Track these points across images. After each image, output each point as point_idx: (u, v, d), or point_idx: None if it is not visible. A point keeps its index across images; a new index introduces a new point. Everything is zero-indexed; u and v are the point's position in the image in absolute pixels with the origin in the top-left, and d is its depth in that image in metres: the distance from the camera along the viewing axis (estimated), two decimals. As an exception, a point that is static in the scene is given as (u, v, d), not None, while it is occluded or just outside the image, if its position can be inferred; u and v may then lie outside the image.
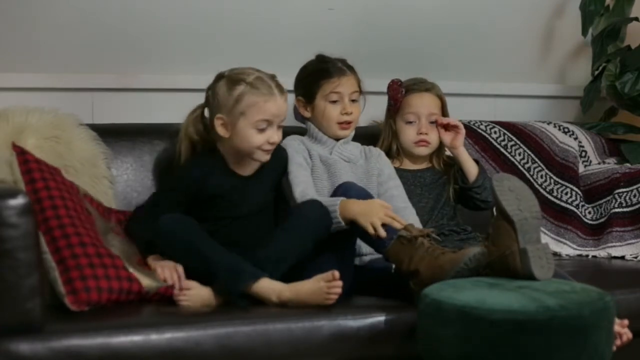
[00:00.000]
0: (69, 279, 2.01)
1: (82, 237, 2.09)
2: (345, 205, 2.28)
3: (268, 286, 2.15)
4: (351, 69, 2.65)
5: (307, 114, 2.66)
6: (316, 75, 2.64)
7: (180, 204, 2.38)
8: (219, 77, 2.41)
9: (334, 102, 2.61)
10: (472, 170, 2.70)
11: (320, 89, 2.61)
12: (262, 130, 2.35)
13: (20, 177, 2.15)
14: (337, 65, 2.63)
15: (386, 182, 2.61)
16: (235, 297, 2.14)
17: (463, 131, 2.72)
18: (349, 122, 2.61)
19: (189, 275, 2.20)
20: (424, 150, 2.75)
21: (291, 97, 2.73)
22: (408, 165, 2.77)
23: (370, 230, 2.22)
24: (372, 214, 2.24)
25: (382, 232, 2.21)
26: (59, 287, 2.00)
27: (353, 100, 2.63)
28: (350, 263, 2.36)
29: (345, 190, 2.35)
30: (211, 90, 2.41)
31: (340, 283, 2.11)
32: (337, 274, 2.11)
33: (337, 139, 2.63)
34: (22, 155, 2.19)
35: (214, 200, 2.40)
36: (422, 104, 2.74)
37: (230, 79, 2.37)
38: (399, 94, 2.75)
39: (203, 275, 2.18)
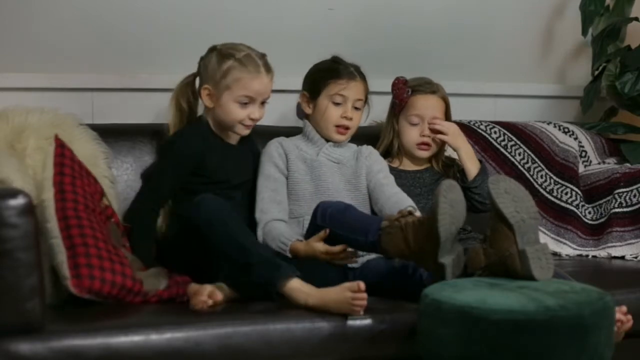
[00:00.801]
0: (76, 264, 2.04)
1: (95, 231, 2.13)
2: (294, 250, 2.33)
3: (299, 288, 2.13)
4: (362, 76, 2.65)
5: (309, 110, 2.65)
6: (326, 73, 2.64)
7: (181, 177, 2.45)
8: (212, 49, 2.51)
9: (337, 104, 2.60)
10: (472, 170, 2.70)
11: (326, 88, 2.61)
12: (244, 105, 2.45)
13: (51, 166, 2.17)
14: (349, 69, 2.62)
15: (375, 176, 2.60)
16: (269, 289, 2.12)
17: (452, 132, 2.71)
18: (346, 127, 2.61)
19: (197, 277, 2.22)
20: (424, 153, 2.75)
21: (293, 97, 2.74)
22: (407, 165, 2.77)
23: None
24: (316, 256, 2.29)
25: (340, 263, 2.29)
26: (64, 271, 2.02)
27: (356, 108, 2.62)
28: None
29: (323, 210, 2.31)
30: (202, 62, 2.51)
31: (365, 295, 2.07)
32: (362, 285, 2.07)
33: (329, 141, 2.62)
34: (61, 148, 2.24)
35: (210, 168, 2.46)
36: (427, 107, 2.74)
37: (221, 52, 2.47)
38: (404, 94, 2.74)
39: (237, 263, 2.15)
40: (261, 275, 2.12)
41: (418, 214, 2.24)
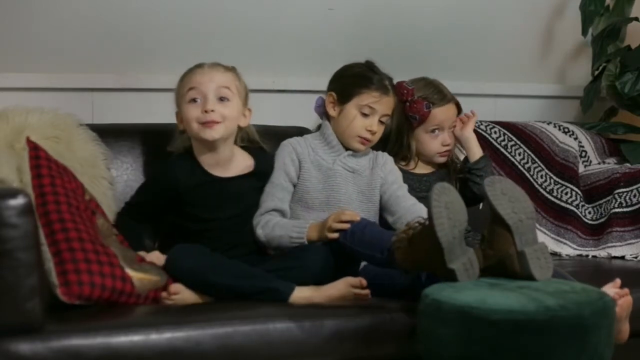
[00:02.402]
0: (63, 270, 2.01)
1: (81, 232, 2.09)
2: (309, 234, 2.37)
3: (300, 296, 2.18)
4: (395, 90, 2.60)
5: (333, 113, 2.57)
6: (360, 80, 2.56)
7: (155, 205, 2.44)
8: None
9: (365, 115, 2.54)
10: (477, 154, 2.72)
11: (358, 96, 2.54)
12: (194, 102, 2.39)
13: (27, 170, 2.15)
14: (384, 82, 2.56)
15: (390, 187, 2.56)
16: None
17: (473, 119, 2.75)
18: (369, 140, 2.56)
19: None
20: (444, 159, 2.77)
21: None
22: (418, 168, 2.77)
23: (337, 235, 2.28)
24: (324, 230, 2.32)
25: (334, 235, 2.28)
26: (52, 278, 2.00)
27: (381, 122, 2.57)
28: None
29: (362, 228, 2.29)
30: None
31: (368, 291, 2.19)
32: (364, 282, 2.19)
33: (347, 149, 2.58)
34: (35, 150, 2.20)
35: (191, 201, 2.42)
36: (447, 117, 2.73)
37: None
38: (423, 109, 2.70)
39: (235, 295, 2.19)
40: (262, 300, 2.17)
41: None
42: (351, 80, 2.57)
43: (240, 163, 2.50)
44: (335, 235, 2.29)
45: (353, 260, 2.32)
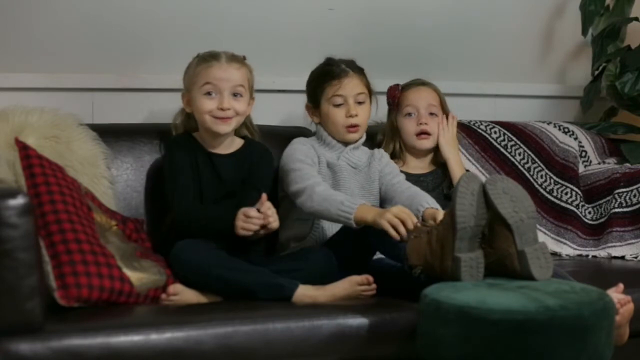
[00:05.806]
0: (61, 273, 2.01)
1: (78, 233, 2.09)
2: (360, 211, 2.27)
3: (304, 293, 2.19)
4: (357, 69, 2.60)
5: (316, 120, 2.62)
6: (319, 79, 2.60)
7: (191, 169, 2.44)
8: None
9: (338, 105, 2.56)
10: (456, 176, 2.72)
11: (323, 93, 2.57)
12: (209, 95, 2.43)
13: (21, 172, 2.15)
14: (340, 67, 2.58)
15: (385, 178, 2.60)
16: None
17: (451, 122, 2.78)
18: (355, 125, 2.57)
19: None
20: (425, 144, 2.76)
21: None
22: (411, 168, 2.77)
23: (391, 231, 2.19)
24: (386, 213, 2.22)
25: (399, 233, 2.19)
26: (50, 282, 2.00)
27: (359, 102, 2.58)
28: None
29: None
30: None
31: (374, 286, 2.21)
32: (371, 278, 2.21)
33: (347, 144, 2.60)
34: (25, 150, 2.20)
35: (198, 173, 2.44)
36: (419, 97, 2.78)
37: (193, 59, 2.50)
38: (396, 91, 2.78)
39: (238, 292, 2.20)
40: (267, 298, 2.18)
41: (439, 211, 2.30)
42: (314, 84, 2.62)
43: (236, 143, 2.54)
44: (392, 231, 2.19)
45: (365, 250, 2.33)
